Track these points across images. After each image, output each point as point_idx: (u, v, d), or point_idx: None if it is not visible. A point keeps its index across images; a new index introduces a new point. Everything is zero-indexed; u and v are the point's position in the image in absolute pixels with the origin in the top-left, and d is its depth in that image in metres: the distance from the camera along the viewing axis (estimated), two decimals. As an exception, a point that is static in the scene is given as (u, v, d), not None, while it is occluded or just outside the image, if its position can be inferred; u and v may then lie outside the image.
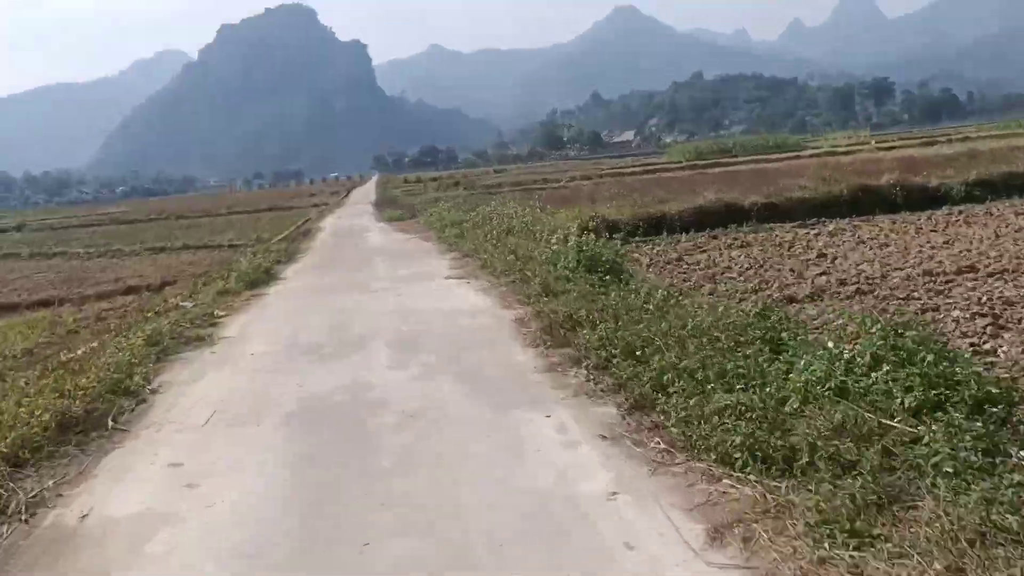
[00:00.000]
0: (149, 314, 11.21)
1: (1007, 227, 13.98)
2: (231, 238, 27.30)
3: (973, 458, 3.89)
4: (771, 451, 4.44)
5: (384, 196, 51.99)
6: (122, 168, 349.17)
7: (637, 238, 17.11)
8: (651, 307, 8.04)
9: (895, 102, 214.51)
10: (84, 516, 4.76)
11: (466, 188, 45.53)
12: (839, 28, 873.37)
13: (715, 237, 16.51)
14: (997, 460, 3.93)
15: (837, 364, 5.22)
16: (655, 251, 15.20)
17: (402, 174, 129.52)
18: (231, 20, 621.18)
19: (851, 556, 3.41)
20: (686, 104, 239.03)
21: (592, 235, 13.28)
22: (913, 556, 3.32)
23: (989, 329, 7.48)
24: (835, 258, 12.29)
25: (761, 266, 12.31)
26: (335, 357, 8.46)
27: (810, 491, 3.94)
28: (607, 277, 10.19)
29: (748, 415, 4.86)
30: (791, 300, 9.68)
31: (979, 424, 4.19)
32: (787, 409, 4.92)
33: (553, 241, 12.60)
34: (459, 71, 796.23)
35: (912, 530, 3.50)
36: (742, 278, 11.34)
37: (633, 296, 8.81)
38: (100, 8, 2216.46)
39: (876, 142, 61.99)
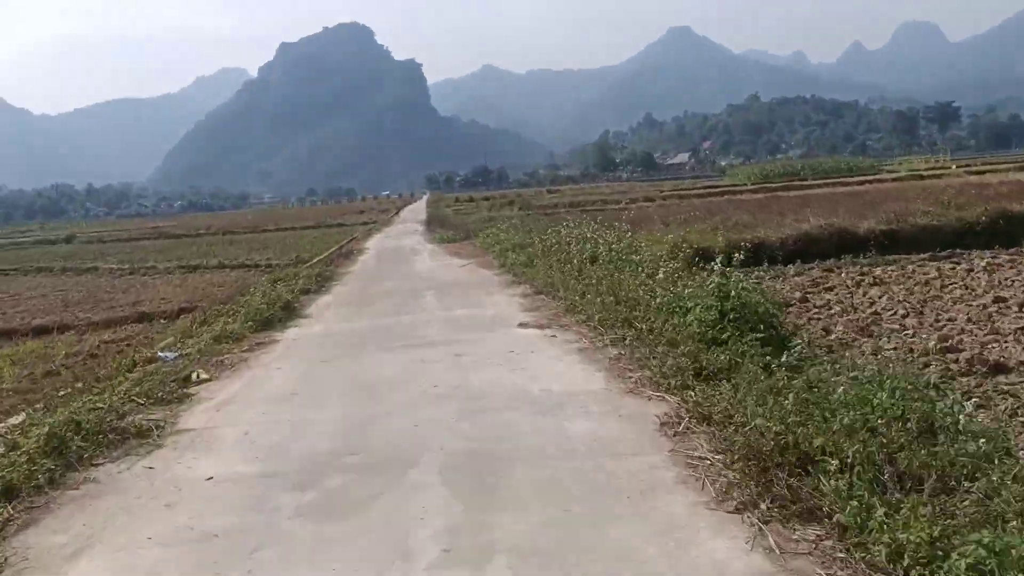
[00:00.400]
0: (127, 360, 8.79)
1: None
2: (269, 257, 25.28)
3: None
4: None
5: (435, 214, 50.04)
6: (182, 182, 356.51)
7: (732, 267, 14.40)
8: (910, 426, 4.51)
9: (960, 127, 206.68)
10: None
11: (521, 208, 43.36)
12: (900, 52, 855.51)
13: (831, 270, 13.72)
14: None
15: None
16: (765, 287, 12.46)
17: (453, 193, 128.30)
18: (290, 39, 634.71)
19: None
20: (741, 126, 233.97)
21: (683, 264, 10.63)
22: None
23: None
24: (1023, 304, 9.42)
25: (919, 312, 9.53)
26: (343, 511, 4.74)
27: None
28: (763, 336, 6.88)
29: None
30: (998, 368, 6.93)
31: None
32: None
33: (660, 276, 9.55)
34: (512, 91, 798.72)
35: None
36: (907, 330, 8.58)
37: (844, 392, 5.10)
38: (167, 26, 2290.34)
39: (957, 166, 58.06)
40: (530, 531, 4.21)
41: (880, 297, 10.69)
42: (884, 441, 4.24)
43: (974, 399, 5.56)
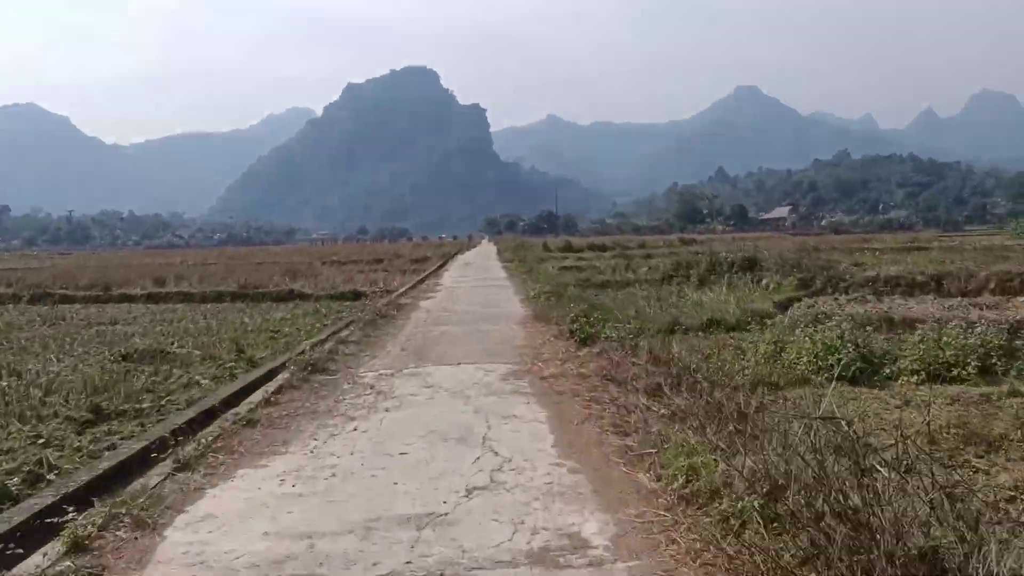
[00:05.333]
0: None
1: None
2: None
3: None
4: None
5: (518, 270, 31.88)
6: (238, 216, 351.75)
7: None
8: None
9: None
10: None
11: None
12: (975, 119, 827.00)
13: None
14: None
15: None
16: None
17: (517, 238, 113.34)
18: (357, 79, 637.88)
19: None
20: (830, 184, 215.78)
21: None
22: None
23: None
24: None
25: None
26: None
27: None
28: None
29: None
30: None
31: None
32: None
33: None
34: (575, 142, 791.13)
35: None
36: None
37: None
38: (242, 63, 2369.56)
39: None
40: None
41: None
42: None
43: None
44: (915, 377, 8.79)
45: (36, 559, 4.47)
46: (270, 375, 9.81)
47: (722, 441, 5.19)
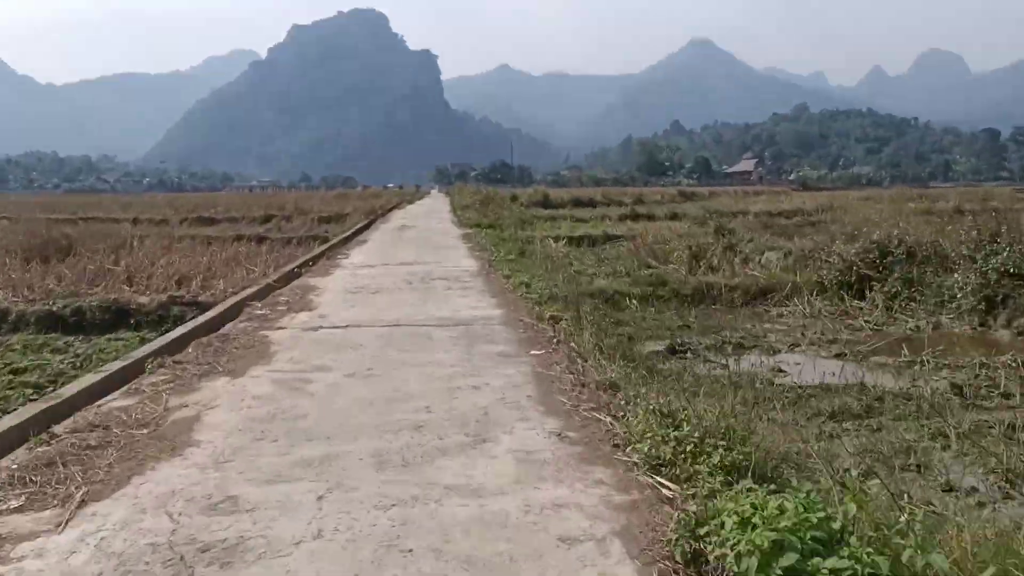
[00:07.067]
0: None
1: None
2: None
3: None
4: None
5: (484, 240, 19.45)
6: (178, 161, 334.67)
7: None
8: None
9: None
10: None
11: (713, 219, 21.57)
12: (923, 79, 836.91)
13: None
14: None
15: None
16: None
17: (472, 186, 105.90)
18: (304, 21, 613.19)
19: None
20: (789, 138, 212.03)
21: None
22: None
23: None
24: None
25: None
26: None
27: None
28: None
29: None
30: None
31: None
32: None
33: None
34: (526, 93, 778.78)
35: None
36: None
37: None
38: (181, 3, 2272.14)
39: None
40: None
41: None
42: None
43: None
44: None
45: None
46: None
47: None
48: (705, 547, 3.09)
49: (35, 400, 6.09)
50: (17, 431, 4.78)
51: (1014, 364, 8.42)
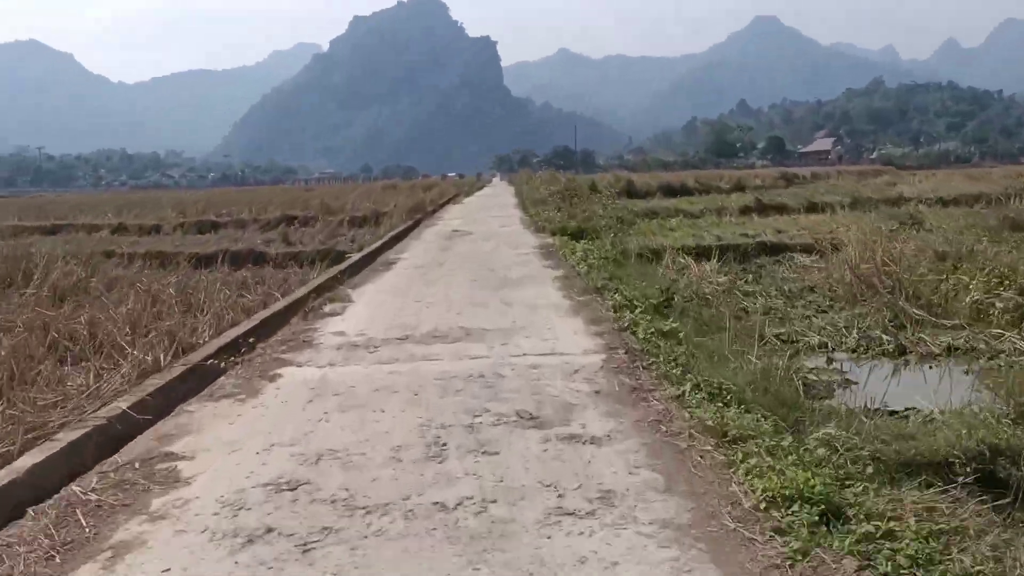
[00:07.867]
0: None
1: None
2: None
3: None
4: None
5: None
6: (243, 155, 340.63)
7: None
8: None
9: None
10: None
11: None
12: (999, 50, 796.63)
13: None
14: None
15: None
16: None
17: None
18: (364, 12, 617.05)
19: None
20: (864, 114, 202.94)
21: None
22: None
23: None
24: None
25: None
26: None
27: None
28: None
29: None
30: None
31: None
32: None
33: None
34: (586, 76, 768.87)
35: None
36: None
37: None
38: (245, 4, 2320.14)
39: None
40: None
41: None
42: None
43: None
44: None
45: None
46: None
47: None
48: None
49: None
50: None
51: None
